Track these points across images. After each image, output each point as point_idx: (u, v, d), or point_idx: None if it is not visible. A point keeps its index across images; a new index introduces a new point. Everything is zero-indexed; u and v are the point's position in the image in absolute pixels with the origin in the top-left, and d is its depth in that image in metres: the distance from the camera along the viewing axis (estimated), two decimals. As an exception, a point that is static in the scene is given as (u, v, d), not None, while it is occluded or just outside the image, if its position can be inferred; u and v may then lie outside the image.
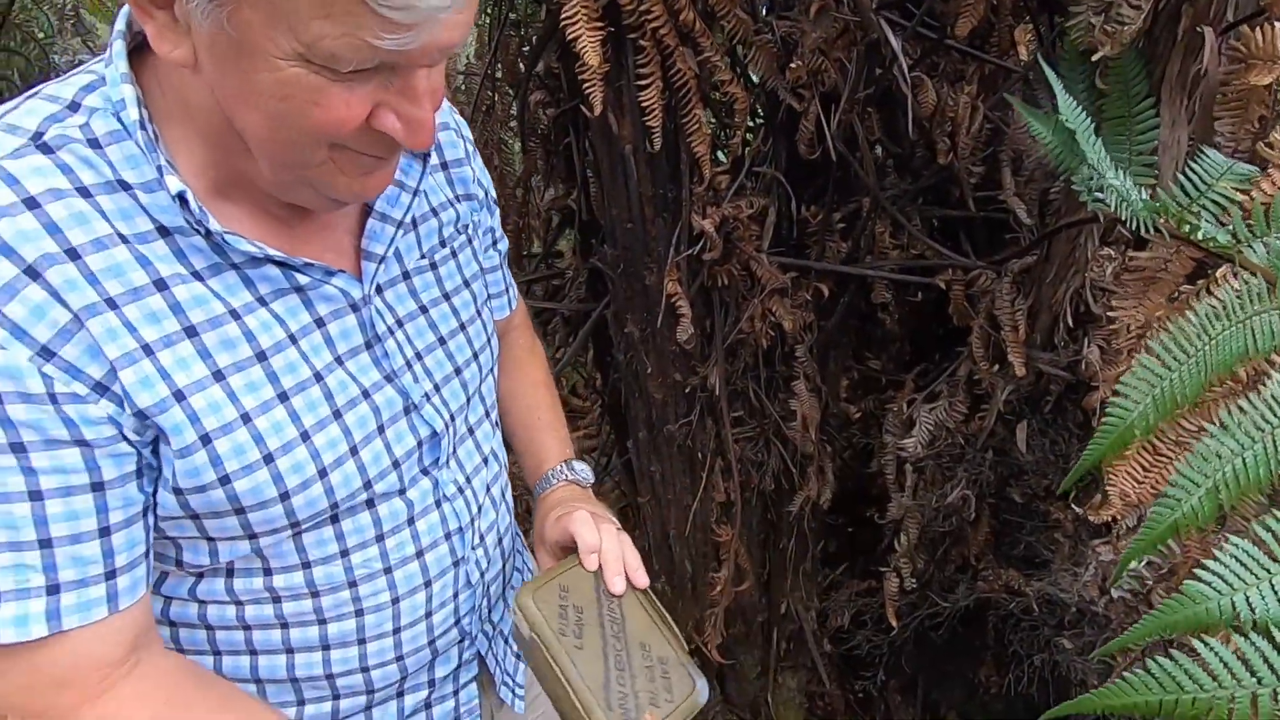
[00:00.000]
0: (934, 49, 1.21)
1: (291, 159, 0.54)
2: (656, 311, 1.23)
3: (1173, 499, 0.56)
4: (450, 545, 0.72)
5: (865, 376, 1.59)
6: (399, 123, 0.52)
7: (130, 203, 0.54)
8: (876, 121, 1.26)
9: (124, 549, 0.55)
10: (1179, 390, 0.59)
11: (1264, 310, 0.59)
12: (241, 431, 0.57)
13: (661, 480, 1.41)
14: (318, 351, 0.62)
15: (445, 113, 0.76)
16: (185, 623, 0.66)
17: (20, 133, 0.52)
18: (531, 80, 1.38)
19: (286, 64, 0.47)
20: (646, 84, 1.06)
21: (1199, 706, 0.47)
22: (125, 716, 0.56)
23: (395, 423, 0.66)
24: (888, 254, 1.34)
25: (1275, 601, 0.49)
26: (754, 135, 1.26)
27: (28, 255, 0.50)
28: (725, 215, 1.18)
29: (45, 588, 0.52)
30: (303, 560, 0.64)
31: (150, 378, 0.53)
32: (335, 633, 0.68)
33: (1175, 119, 0.83)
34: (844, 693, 2.02)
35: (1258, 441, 0.54)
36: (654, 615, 0.72)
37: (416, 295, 0.69)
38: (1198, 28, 0.77)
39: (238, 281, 0.58)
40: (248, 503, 0.58)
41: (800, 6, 1.09)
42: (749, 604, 1.64)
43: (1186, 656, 0.49)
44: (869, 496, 1.62)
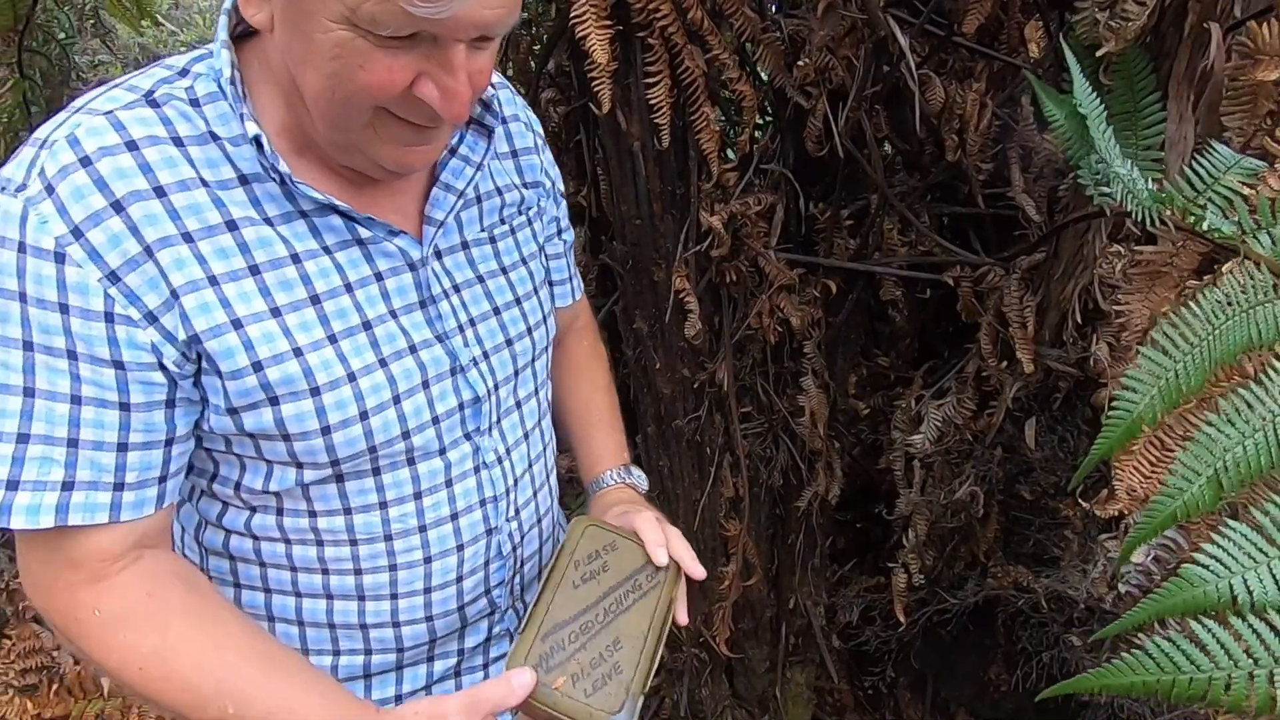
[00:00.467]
0: (943, 46, 1.21)
1: (341, 119, 0.59)
2: (665, 307, 1.24)
3: (1174, 488, 0.57)
4: (485, 512, 0.75)
5: (874, 373, 1.60)
6: (436, 91, 0.57)
7: (218, 153, 0.61)
8: (885, 119, 1.27)
9: (135, 468, 0.61)
10: (1184, 381, 0.60)
11: (1268, 301, 0.59)
12: (292, 364, 0.62)
13: (670, 475, 1.43)
14: (373, 303, 0.66)
15: (518, 107, 0.82)
16: (242, 557, 0.71)
17: (136, 90, 0.61)
18: (542, 78, 1.40)
19: (337, 26, 0.53)
20: (655, 82, 1.07)
21: (1195, 687, 0.48)
22: (109, 600, 0.62)
23: (440, 381, 0.70)
24: (896, 251, 1.34)
25: (1273, 585, 0.50)
26: (762, 132, 1.27)
27: (118, 191, 0.57)
28: (733, 212, 1.18)
29: (61, 483, 0.58)
30: (344, 506, 0.69)
31: (210, 305, 0.59)
32: (370, 584, 0.72)
33: (1183, 114, 0.83)
34: (853, 689, 2.02)
35: (1259, 430, 0.54)
36: (649, 637, 0.71)
37: (474, 265, 0.74)
38: (1204, 24, 0.77)
39: (305, 230, 0.64)
40: (292, 430, 0.63)
41: (808, 5, 1.09)
42: (758, 599, 1.64)
43: (1184, 638, 0.49)
44: (879, 493, 1.62)
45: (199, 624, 0.63)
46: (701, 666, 1.64)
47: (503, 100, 0.78)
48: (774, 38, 1.11)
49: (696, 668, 1.64)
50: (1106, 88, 0.86)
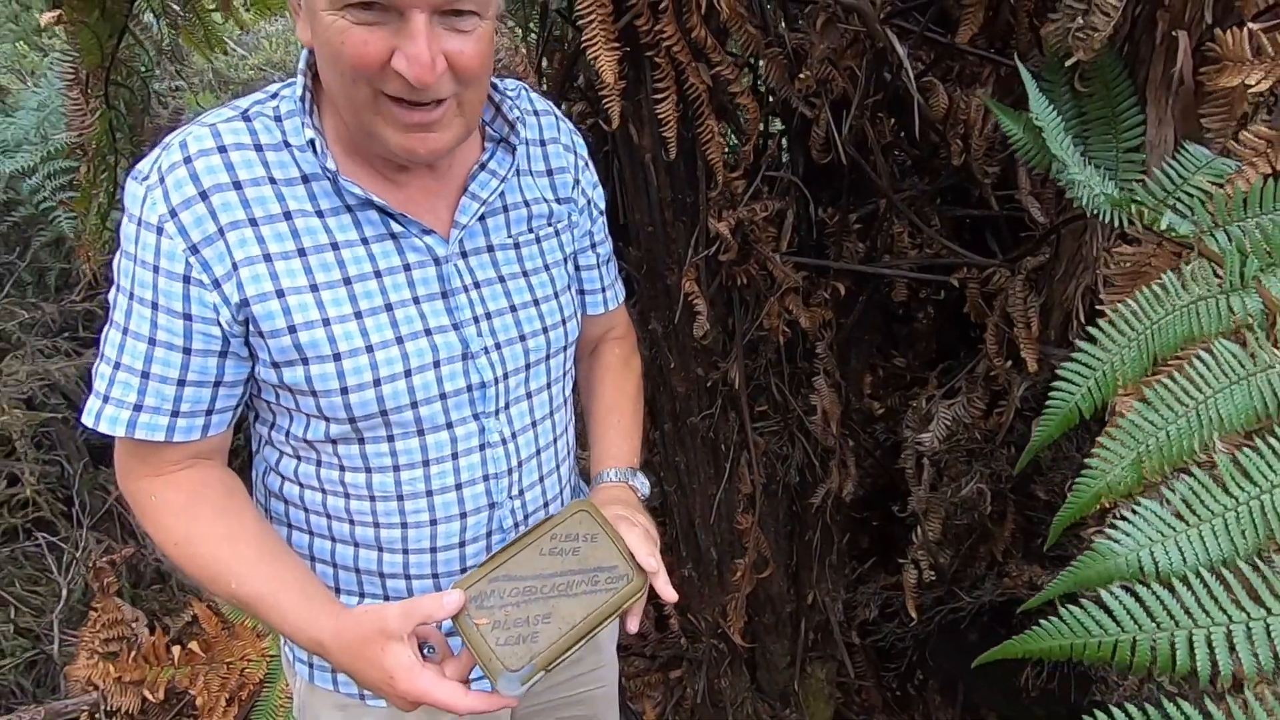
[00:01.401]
0: (948, 53, 1.24)
1: (350, 101, 0.71)
2: (677, 309, 1.31)
3: (1098, 470, 0.61)
4: (487, 487, 0.85)
5: (892, 374, 1.62)
6: (404, 60, 0.66)
7: (288, 157, 0.76)
8: (893, 124, 1.30)
9: (189, 400, 0.76)
10: (1120, 371, 0.63)
11: (1211, 296, 0.62)
12: (320, 331, 0.75)
13: (686, 470, 1.49)
14: (398, 289, 0.78)
15: (561, 131, 0.93)
16: (292, 501, 0.85)
17: (237, 109, 0.77)
18: (573, 93, 1.48)
19: (326, 14, 0.66)
20: (662, 97, 1.14)
21: (1104, 649, 0.52)
22: (163, 492, 0.79)
23: (451, 363, 0.80)
24: (907, 253, 1.37)
25: (1179, 557, 0.53)
26: (771, 141, 1.32)
27: (205, 183, 0.72)
28: (740, 218, 1.24)
29: (133, 405, 0.75)
30: (365, 466, 0.81)
31: (261, 276, 0.74)
32: (385, 537, 0.83)
33: (1161, 118, 0.85)
34: (880, 690, 2.03)
35: (1181, 417, 0.58)
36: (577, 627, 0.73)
37: (497, 267, 0.84)
38: (1173, 32, 0.79)
39: (349, 222, 0.76)
40: (317, 387, 0.76)
41: (808, 19, 1.14)
42: (777, 594, 1.69)
43: (1095, 605, 0.54)
44: (898, 492, 1.64)
45: (223, 519, 0.78)
46: (720, 657, 1.69)
47: (544, 125, 0.90)
48: (777, 52, 1.16)
49: (715, 658, 1.69)
50: (1084, 94, 0.89)
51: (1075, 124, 0.91)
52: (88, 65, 1.38)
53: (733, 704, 1.74)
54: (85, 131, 1.52)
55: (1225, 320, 0.61)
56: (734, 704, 1.75)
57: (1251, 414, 0.56)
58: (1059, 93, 0.88)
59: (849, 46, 1.17)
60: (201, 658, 1.67)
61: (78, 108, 1.52)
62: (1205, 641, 0.49)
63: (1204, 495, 0.54)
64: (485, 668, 0.71)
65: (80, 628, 1.80)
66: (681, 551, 1.59)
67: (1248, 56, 0.73)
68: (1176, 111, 0.83)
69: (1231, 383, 0.57)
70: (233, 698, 1.65)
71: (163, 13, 1.53)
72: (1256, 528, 0.52)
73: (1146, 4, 0.81)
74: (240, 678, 1.70)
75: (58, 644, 1.88)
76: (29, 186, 2.31)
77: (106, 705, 1.61)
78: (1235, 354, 0.58)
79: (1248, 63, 0.73)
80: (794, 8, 1.23)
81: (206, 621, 1.72)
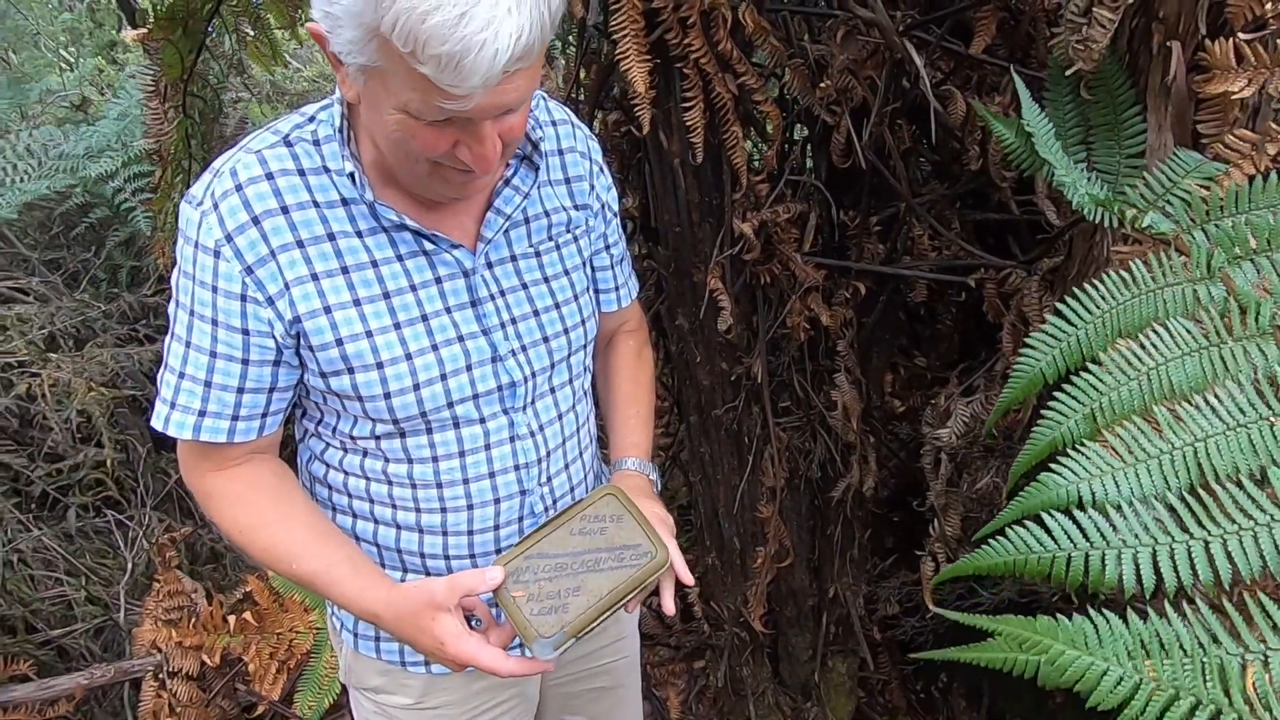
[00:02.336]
0: (966, 62, 1.29)
1: (407, 169, 0.78)
2: (703, 305, 1.38)
3: (1053, 421, 0.67)
4: (518, 475, 0.92)
5: (914, 374, 1.66)
6: (470, 155, 0.74)
7: (328, 181, 0.81)
8: (913, 131, 1.36)
9: (247, 406, 0.84)
10: (1084, 345, 0.69)
11: (1178, 284, 0.67)
12: (364, 342, 0.82)
13: (710, 461, 1.55)
14: (431, 300, 0.84)
15: (577, 140, 0.97)
16: (336, 488, 0.93)
17: (279, 134, 0.82)
18: (608, 102, 1.57)
19: (394, 112, 0.71)
20: (690, 106, 1.22)
21: (1042, 565, 0.59)
22: (225, 484, 0.87)
23: (481, 366, 0.87)
24: (927, 255, 1.42)
25: (1114, 489, 0.60)
26: (794, 147, 1.39)
27: (256, 209, 0.79)
28: (764, 219, 1.31)
29: (197, 411, 0.83)
30: (407, 457, 0.88)
31: (310, 294, 0.80)
32: (426, 522, 0.91)
33: (1161, 124, 0.90)
34: (904, 692, 2.05)
35: (1134, 380, 0.64)
36: (604, 599, 0.81)
37: (520, 275, 0.90)
38: (1168, 42, 0.84)
39: (385, 242, 0.83)
40: (363, 393, 0.83)
41: (829, 32, 1.21)
42: (799, 587, 1.73)
43: (1037, 526, 0.60)
44: (920, 490, 1.68)
45: (279, 505, 0.87)
46: (742, 645, 1.74)
47: (561, 134, 0.96)
48: (799, 62, 1.23)
49: (737, 646, 1.74)
50: (1088, 101, 0.94)
51: (1079, 131, 0.96)
52: (169, 78, 1.52)
53: (754, 693, 1.79)
54: (163, 138, 1.66)
55: (1190, 305, 0.66)
56: (755, 693, 1.80)
57: (1201, 382, 0.61)
58: (1062, 101, 0.94)
59: (869, 57, 1.23)
60: (254, 627, 1.79)
61: (156, 117, 1.66)
62: (1132, 560, 0.56)
63: (1142, 440, 0.61)
64: (522, 635, 0.79)
65: (144, 598, 1.94)
66: (705, 540, 1.66)
67: (1233, 65, 0.78)
68: (1174, 117, 0.87)
69: (1184, 354, 0.63)
70: (282, 666, 1.77)
71: (234, 29, 1.67)
72: (1189, 470, 0.58)
73: (1143, 16, 0.86)
74: (289, 649, 1.81)
75: (123, 612, 2.03)
76: (110, 189, 2.49)
77: (169, 666, 1.74)
78: (1190, 330, 0.63)
79: (1233, 70, 0.77)
80: (816, 21, 1.29)
81: (259, 595, 1.84)
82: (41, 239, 2.77)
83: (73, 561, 2.10)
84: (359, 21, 0.64)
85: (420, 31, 0.62)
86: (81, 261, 2.75)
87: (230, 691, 1.83)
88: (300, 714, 1.73)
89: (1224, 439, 0.59)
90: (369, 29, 0.64)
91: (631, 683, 1.21)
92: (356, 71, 0.70)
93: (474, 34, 0.62)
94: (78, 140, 2.40)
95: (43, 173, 2.34)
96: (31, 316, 2.12)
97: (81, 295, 2.52)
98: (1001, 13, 1.17)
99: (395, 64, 0.66)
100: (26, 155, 2.37)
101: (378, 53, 0.66)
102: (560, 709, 1.16)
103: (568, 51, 1.86)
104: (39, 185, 2.31)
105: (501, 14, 0.63)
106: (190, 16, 1.43)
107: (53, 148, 2.40)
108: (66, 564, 2.10)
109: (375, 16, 0.63)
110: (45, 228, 2.79)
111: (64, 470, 2.09)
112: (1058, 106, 0.92)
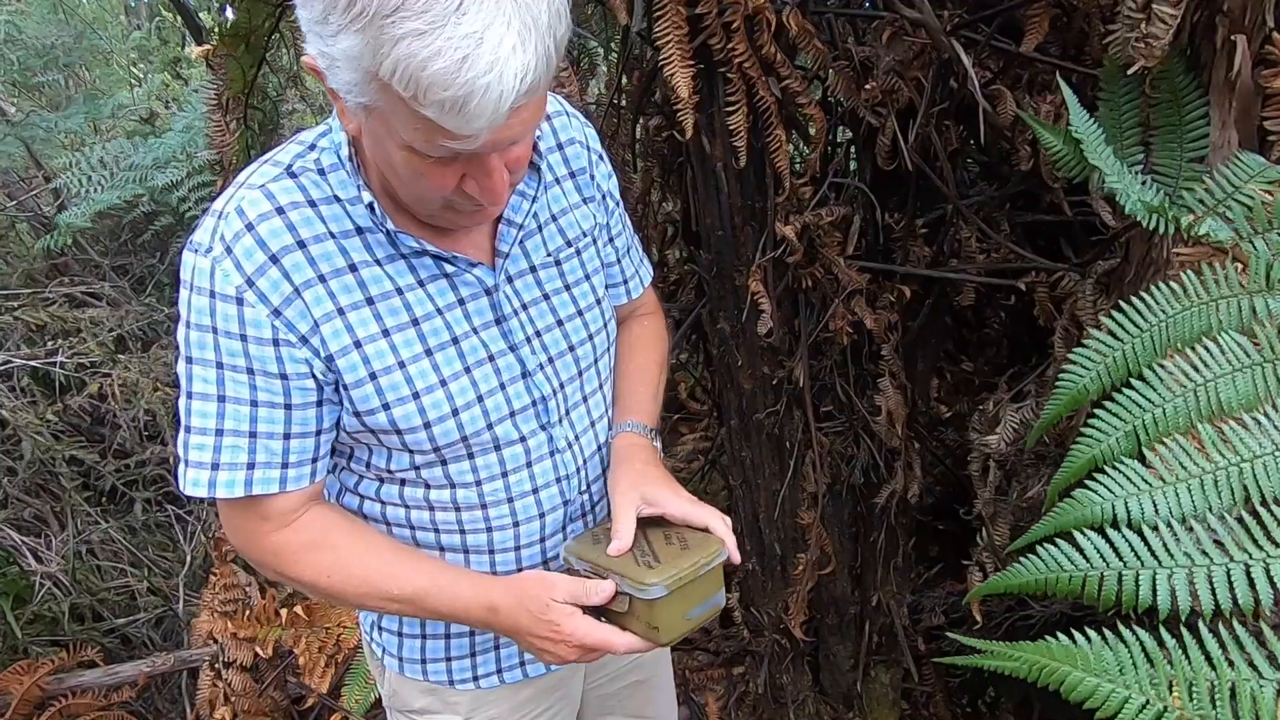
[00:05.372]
0: (1016, 60, 1.26)
1: (419, 203, 0.76)
2: (745, 309, 1.37)
3: (1093, 438, 0.65)
4: (560, 488, 0.92)
5: (961, 379, 1.63)
6: (477, 189, 0.72)
7: (340, 211, 0.78)
8: (960, 131, 1.33)
9: (296, 452, 0.80)
10: (1130, 360, 0.67)
11: (1234, 295, 0.65)
12: (397, 374, 0.79)
13: (751, 466, 1.54)
14: (459, 322, 0.82)
15: (574, 130, 0.93)
16: (373, 518, 0.91)
17: (279, 165, 0.79)
18: (650, 107, 1.58)
19: (399, 150, 0.68)
20: (734, 110, 1.22)
21: (1073, 584, 0.58)
22: (296, 537, 0.83)
23: (514, 384, 0.86)
24: (975, 258, 1.39)
25: (1152, 509, 0.58)
26: (838, 149, 1.38)
27: (273, 247, 0.75)
28: (806, 223, 1.30)
29: (246, 464, 0.78)
30: (450, 482, 0.87)
31: (339, 331, 0.77)
32: (472, 543, 0.90)
33: (1224, 121, 0.87)
34: (949, 705, 2.00)
35: (1179, 397, 0.61)
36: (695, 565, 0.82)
37: (541, 285, 0.88)
38: (1232, 36, 0.81)
39: (405, 268, 0.80)
40: (401, 426, 0.81)
41: (875, 33, 1.20)
42: (841, 595, 1.71)
43: (1068, 545, 0.59)
44: (967, 498, 1.64)
45: (356, 541, 0.84)
46: (782, 653, 1.72)
47: (558, 128, 0.92)
48: (844, 65, 1.22)
49: (777, 653, 1.73)
50: (1149, 101, 0.91)
51: (1137, 132, 0.93)
52: (231, 92, 1.59)
53: (794, 701, 1.77)
54: (225, 149, 1.74)
55: (1246, 320, 0.63)
56: (795, 702, 1.77)
57: (1252, 400, 0.59)
58: (1119, 101, 0.91)
59: (915, 58, 1.21)
60: (305, 621, 1.85)
61: (219, 129, 1.74)
62: (1167, 581, 0.54)
63: (1183, 459, 0.58)
64: (634, 583, 0.78)
65: (201, 590, 2.02)
66: (745, 545, 1.65)
67: (1305, 59, 0.74)
68: (1238, 114, 0.84)
69: (1235, 370, 0.60)
70: (330, 659, 1.82)
71: (292, 45, 1.73)
72: (1232, 490, 0.56)
73: (1206, 10, 0.83)
74: (336, 643, 1.86)
75: (182, 603, 2.11)
76: (175, 198, 2.61)
77: (224, 657, 1.81)
78: (1243, 345, 0.61)
79: (1305, 65, 0.74)
80: (861, 22, 1.28)
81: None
82: (112, 245, 2.91)
83: (136, 554, 2.20)
84: (357, 65, 0.61)
85: (422, 79, 0.59)
86: (148, 267, 2.88)
87: (281, 683, 1.88)
88: (347, 707, 1.78)
89: (1273, 459, 0.57)
90: (368, 73, 0.61)
91: (663, 672, 1.21)
92: (357, 108, 0.67)
93: (478, 78, 0.59)
94: (146, 152, 2.52)
95: (114, 183, 2.46)
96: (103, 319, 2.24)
97: (148, 299, 2.65)
98: (1054, 9, 1.14)
99: (397, 106, 0.63)
100: (100, 167, 2.50)
101: (378, 94, 0.63)
102: (598, 711, 1.17)
103: (610, 58, 1.88)
104: (110, 195, 2.43)
105: (506, 54, 0.59)
106: (252, 33, 1.50)
107: (123, 159, 2.53)
108: (131, 556, 2.20)
109: (374, 62, 0.60)
110: (115, 235, 2.94)
111: (130, 466, 2.19)
112: (1113, 107, 0.90)
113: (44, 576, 1.98)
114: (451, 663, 0.96)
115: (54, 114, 2.97)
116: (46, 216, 2.79)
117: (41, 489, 2.12)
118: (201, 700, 1.81)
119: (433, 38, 0.58)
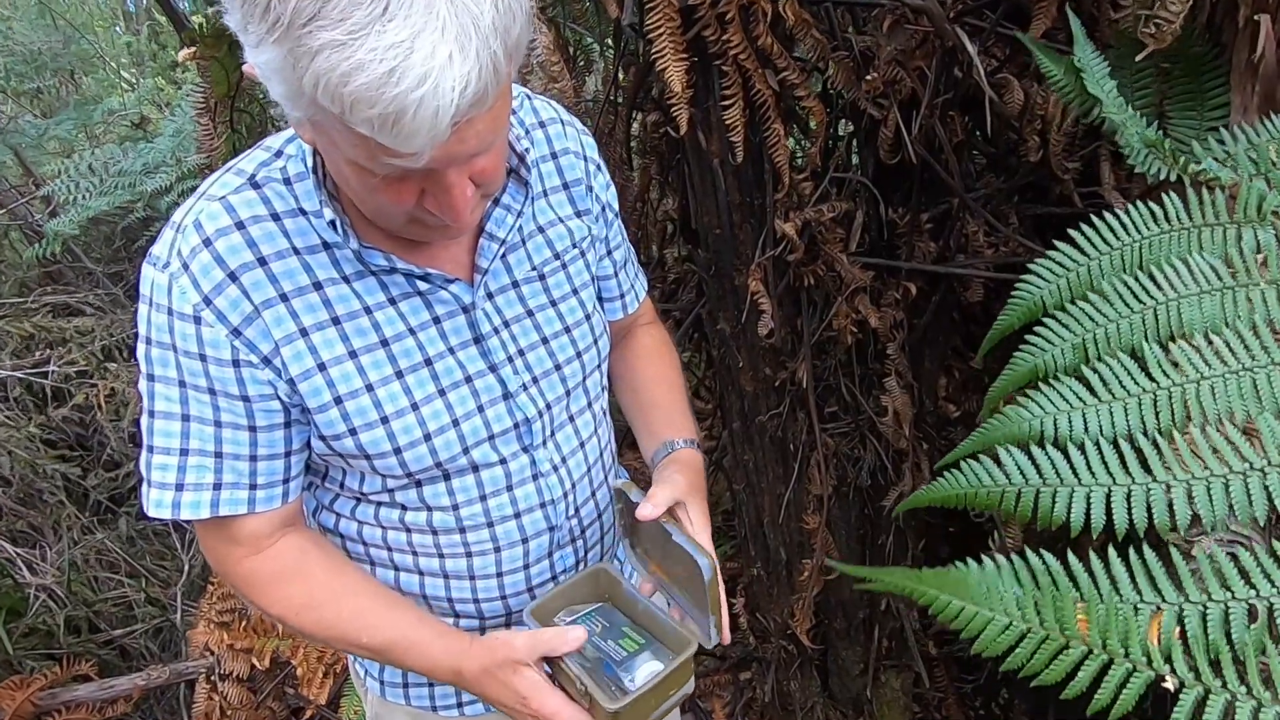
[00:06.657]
0: (1021, 48, 1.22)
1: (381, 219, 0.70)
2: (745, 309, 1.33)
3: (1038, 347, 0.62)
4: (545, 513, 0.86)
5: (969, 377, 1.59)
6: (438, 207, 0.65)
7: (306, 224, 0.73)
8: (966, 122, 1.29)
9: (263, 473, 0.76)
10: (1095, 277, 0.64)
11: (1218, 224, 0.61)
12: (365, 398, 0.74)
13: (755, 469, 1.51)
14: (433, 342, 0.77)
15: (569, 139, 0.88)
16: (349, 537, 0.87)
17: (243, 175, 0.74)
18: (647, 103, 1.54)
19: (347, 165, 0.63)
20: (730, 104, 1.18)
21: (991, 498, 0.58)
22: (268, 565, 0.79)
23: (494, 405, 0.81)
24: (983, 253, 1.35)
25: (1082, 427, 0.55)
26: (839, 143, 1.34)
27: (231, 264, 0.70)
28: (807, 219, 1.26)
29: (212, 484, 0.74)
30: (425, 505, 0.82)
31: (302, 353, 0.72)
32: (451, 567, 0.85)
33: (1246, 105, 0.82)
34: (962, 709, 1.97)
35: (1136, 314, 0.59)
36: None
37: (524, 302, 0.82)
38: (1255, 16, 0.77)
39: (375, 285, 0.75)
40: (370, 452, 0.77)
41: (875, 22, 1.16)
42: (850, 599, 1.67)
43: (990, 460, 0.57)
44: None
45: (334, 577, 0.80)
46: (790, 659, 1.69)
47: (552, 136, 0.87)
48: (844, 55, 1.18)
49: (784, 659, 1.69)
50: (1168, 69, 0.87)
51: (1153, 94, 0.88)
52: (216, 95, 1.55)
53: (802, 708, 1.73)
54: (212, 153, 1.70)
55: (1229, 248, 0.60)
56: (804, 708, 1.74)
57: (1217, 324, 0.56)
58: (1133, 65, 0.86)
59: (918, 47, 1.17)
60: (302, 632, 1.82)
61: (207, 132, 1.70)
62: (1085, 499, 0.53)
63: (1124, 377, 0.56)
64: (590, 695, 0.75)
65: (199, 600, 1.99)
66: (750, 550, 1.61)
67: (1335, 37, 0.70)
68: (1261, 97, 0.80)
69: (1202, 291, 0.57)
70: (328, 670, 1.78)
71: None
72: (1173, 411, 0.54)
73: (1226, -11, 0.79)
74: (334, 654, 1.83)
75: (180, 613, 2.08)
76: (166, 203, 2.58)
77: (221, 669, 1.78)
78: (1216, 268, 0.57)
79: (1335, 44, 0.70)
80: (861, 11, 1.24)
81: (307, 600, 1.87)
82: (105, 253, 2.88)
83: (133, 564, 2.17)
84: (283, 78, 0.55)
85: (344, 95, 0.53)
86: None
87: (279, 694, 1.86)
88: (345, 718, 1.75)
89: (1222, 382, 0.54)
90: (294, 87, 0.55)
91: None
92: (301, 121, 0.61)
93: (407, 92, 0.52)
94: (136, 157, 2.49)
95: (104, 189, 2.43)
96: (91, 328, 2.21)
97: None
98: (1062, -6, 1.09)
99: (332, 120, 0.56)
100: (89, 173, 2.47)
101: (311, 109, 0.57)
102: None
103: (606, 54, 1.83)
104: (100, 201, 2.40)
105: (440, 64, 0.52)
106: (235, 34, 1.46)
107: (113, 165, 2.49)
108: (128, 566, 2.17)
109: (295, 76, 0.54)
110: (109, 242, 2.91)
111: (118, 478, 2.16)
112: (1128, 68, 0.85)
113: (39, 589, 1.95)
114: (435, 687, 0.93)
115: (44, 120, 2.94)
116: (38, 224, 2.76)
117: (35, 500, 2.10)
118: (198, 713, 1.78)
119: (353, 49, 0.52)
